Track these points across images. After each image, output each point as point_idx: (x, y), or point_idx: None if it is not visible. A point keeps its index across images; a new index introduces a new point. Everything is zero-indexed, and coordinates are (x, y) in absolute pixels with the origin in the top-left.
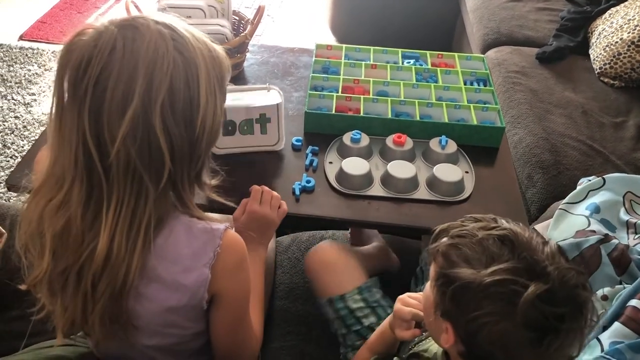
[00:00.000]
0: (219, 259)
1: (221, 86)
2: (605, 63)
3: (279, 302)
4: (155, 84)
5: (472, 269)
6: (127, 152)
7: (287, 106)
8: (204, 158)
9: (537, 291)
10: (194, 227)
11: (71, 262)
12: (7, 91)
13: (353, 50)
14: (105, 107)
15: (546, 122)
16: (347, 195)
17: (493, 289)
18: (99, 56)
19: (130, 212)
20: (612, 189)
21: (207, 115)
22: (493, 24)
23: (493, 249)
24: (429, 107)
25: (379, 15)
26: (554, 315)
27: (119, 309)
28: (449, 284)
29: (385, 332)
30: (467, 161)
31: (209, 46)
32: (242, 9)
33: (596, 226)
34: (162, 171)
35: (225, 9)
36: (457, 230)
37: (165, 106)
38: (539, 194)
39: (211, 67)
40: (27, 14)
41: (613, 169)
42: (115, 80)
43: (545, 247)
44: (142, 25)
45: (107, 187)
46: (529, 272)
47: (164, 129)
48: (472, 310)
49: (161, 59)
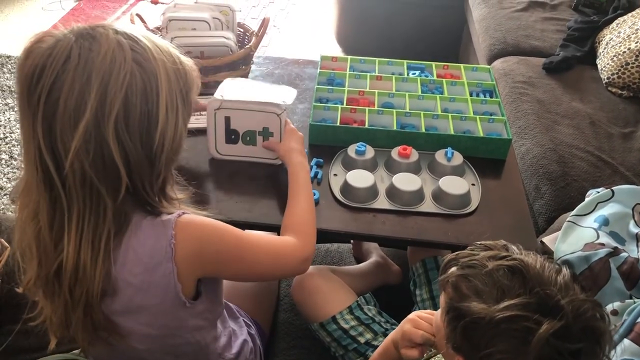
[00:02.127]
0: (178, 249)
1: (185, 100)
2: (613, 73)
3: (283, 315)
4: (110, 97)
5: (483, 303)
6: (82, 165)
7: (291, 118)
8: (166, 174)
9: (551, 329)
10: (144, 225)
11: (47, 269)
12: (15, 102)
13: (358, 62)
14: (57, 118)
15: (553, 133)
16: (351, 208)
17: (504, 326)
18: (53, 65)
19: (92, 225)
20: (621, 201)
21: (167, 130)
22: (499, 34)
23: (504, 281)
24: (435, 118)
25: (385, 26)
26: (569, 351)
27: (97, 316)
28: (459, 318)
29: (389, 350)
30: (473, 173)
31: (174, 58)
32: (248, 20)
33: (605, 239)
34: (119, 185)
35: (230, 21)
36: (467, 260)
37: (119, 120)
38: (547, 205)
39: (174, 80)
40: (35, 27)
41: (622, 180)
42: (68, 91)
43: (559, 277)
44: (101, 34)
45: (66, 200)
46: (542, 308)
47: (118, 143)
48: (484, 347)
49: (117, 70)
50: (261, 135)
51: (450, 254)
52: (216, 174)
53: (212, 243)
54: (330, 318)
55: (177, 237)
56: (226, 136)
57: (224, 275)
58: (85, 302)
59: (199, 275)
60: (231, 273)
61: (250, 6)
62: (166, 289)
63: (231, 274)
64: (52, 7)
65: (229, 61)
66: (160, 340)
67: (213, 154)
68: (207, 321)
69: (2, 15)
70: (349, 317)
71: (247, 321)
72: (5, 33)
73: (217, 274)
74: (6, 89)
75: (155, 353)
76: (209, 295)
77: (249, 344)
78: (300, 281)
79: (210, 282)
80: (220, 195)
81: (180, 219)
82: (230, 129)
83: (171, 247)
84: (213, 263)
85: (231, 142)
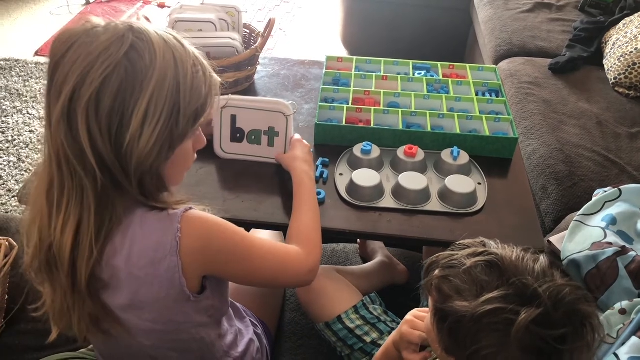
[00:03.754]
0: (183, 244)
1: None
2: (620, 73)
3: (290, 315)
4: (87, 81)
5: (464, 301)
6: (60, 141)
7: (297, 118)
8: (143, 178)
9: (530, 317)
10: (149, 219)
11: (43, 248)
12: (23, 105)
13: (364, 62)
14: (51, 91)
15: (560, 133)
16: (357, 207)
17: (486, 320)
18: (64, 44)
19: (77, 205)
20: (628, 200)
21: (140, 137)
22: (505, 35)
23: (482, 276)
24: (441, 118)
25: (391, 28)
26: (553, 337)
27: (88, 303)
28: (444, 320)
29: (390, 351)
30: (479, 172)
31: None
32: (255, 24)
33: (613, 238)
34: (94, 173)
35: (236, 22)
36: (447, 261)
37: (90, 107)
38: (554, 205)
39: (170, 91)
40: (43, 30)
41: (629, 180)
42: (62, 68)
43: (536, 266)
44: (112, 26)
45: (58, 179)
46: (520, 297)
47: (87, 129)
48: (470, 344)
49: (103, 59)
50: (267, 135)
51: (431, 257)
52: (222, 174)
53: (217, 240)
54: (336, 318)
55: (182, 231)
56: (231, 135)
57: (226, 274)
58: (76, 287)
59: (202, 272)
60: (233, 274)
61: (256, 9)
62: (171, 282)
63: (233, 275)
64: (60, 12)
65: (235, 62)
66: (165, 335)
67: (218, 153)
68: (212, 318)
69: (10, 19)
70: (354, 316)
71: (254, 321)
72: (14, 37)
73: (220, 273)
74: (14, 92)
75: (160, 349)
76: (214, 292)
77: (256, 343)
78: None
79: (215, 279)
80: (226, 195)
81: (186, 214)
82: (235, 127)
83: (176, 240)
84: (216, 261)
85: (236, 140)
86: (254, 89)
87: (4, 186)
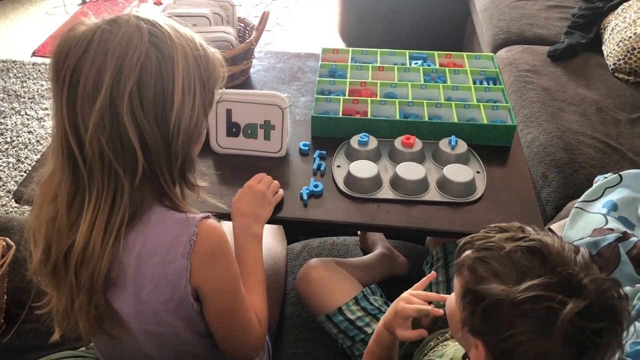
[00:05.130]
0: (196, 248)
1: (205, 87)
2: (620, 59)
3: (291, 309)
4: (124, 75)
5: (502, 284)
6: (100, 143)
7: (294, 111)
8: (185, 158)
9: (577, 309)
10: (168, 218)
11: (57, 252)
12: (21, 107)
13: (360, 53)
14: (79, 97)
15: (560, 120)
16: (355, 199)
17: (527, 307)
18: (77, 47)
19: (108, 207)
20: (629, 186)
21: (183, 113)
22: (503, 24)
23: (523, 262)
24: (438, 107)
25: (388, 20)
26: (593, 330)
27: (100, 303)
28: (478, 301)
29: (382, 334)
30: (478, 161)
31: (196, 44)
32: (252, 19)
33: (614, 224)
34: (136, 166)
35: (230, 16)
36: (483, 243)
37: (133, 97)
38: (555, 193)
39: (193, 65)
40: (40, 31)
41: (630, 166)
42: (87, 70)
43: (578, 257)
44: (123, 19)
45: (88, 180)
46: (565, 287)
47: (133, 121)
48: (506, 328)
49: (132, 50)
50: (263, 129)
51: (465, 237)
52: (219, 169)
53: (222, 262)
54: (337, 309)
55: (198, 236)
56: (227, 129)
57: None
58: (89, 287)
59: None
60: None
61: (253, 4)
62: (176, 286)
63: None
64: (57, 12)
65: (230, 56)
66: (165, 338)
67: (214, 148)
68: None
69: (7, 20)
70: (355, 307)
71: None
72: (10, 38)
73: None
74: (12, 93)
75: (160, 350)
76: None
77: None
78: (305, 274)
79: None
80: (224, 190)
81: (205, 220)
82: (231, 121)
83: (190, 243)
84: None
85: (232, 135)
86: (250, 82)
87: (3, 187)
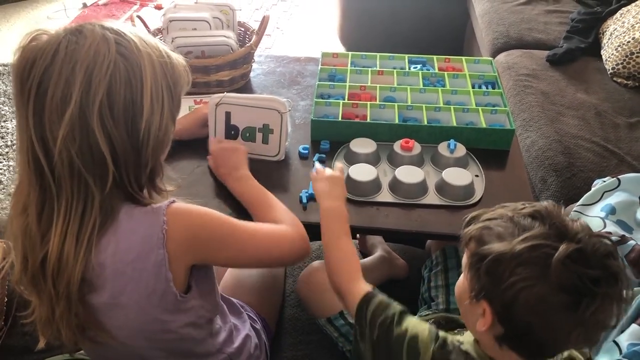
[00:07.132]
0: (170, 236)
1: (172, 93)
2: (618, 63)
3: (290, 311)
4: (94, 85)
5: (503, 241)
6: (69, 154)
7: (293, 115)
8: (154, 165)
9: (569, 249)
10: (136, 214)
11: (33, 263)
12: None
13: (359, 58)
14: (46, 109)
15: (558, 125)
16: (355, 202)
17: (526, 255)
18: (42, 59)
19: (79, 216)
20: (627, 190)
21: (153, 121)
22: (502, 28)
23: (524, 222)
24: (437, 111)
25: (388, 24)
26: (588, 277)
27: (79, 311)
28: (482, 260)
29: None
30: (477, 165)
31: (161, 52)
32: (252, 23)
33: (612, 227)
34: (106, 174)
35: (230, 20)
36: (488, 215)
37: (103, 107)
38: (553, 197)
39: (160, 72)
40: None
41: (629, 170)
42: (55, 82)
43: (577, 223)
44: (88, 29)
45: (55, 190)
46: (560, 236)
47: (104, 131)
48: (507, 278)
49: (101, 60)
50: (261, 132)
51: (471, 213)
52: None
53: (205, 228)
54: (338, 313)
55: (168, 224)
56: (226, 132)
57: (220, 260)
58: (67, 295)
59: (191, 261)
60: (227, 257)
61: (253, 9)
62: (157, 277)
63: (227, 259)
64: (57, 16)
65: (230, 60)
66: (152, 335)
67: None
68: (203, 319)
69: (8, 24)
70: None
71: (253, 316)
72: (12, 41)
73: (214, 260)
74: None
75: (148, 349)
76: (201, 293)
77: (253, 339)
78: (306, 277)
79: (202, 281)
80: (222, 193)
81: (171, 206)
82: (230, 124)
83: (163, 233)
84: (208, 249)
85: (231, 137)
86: (250, 86)
87: (4, 190)
